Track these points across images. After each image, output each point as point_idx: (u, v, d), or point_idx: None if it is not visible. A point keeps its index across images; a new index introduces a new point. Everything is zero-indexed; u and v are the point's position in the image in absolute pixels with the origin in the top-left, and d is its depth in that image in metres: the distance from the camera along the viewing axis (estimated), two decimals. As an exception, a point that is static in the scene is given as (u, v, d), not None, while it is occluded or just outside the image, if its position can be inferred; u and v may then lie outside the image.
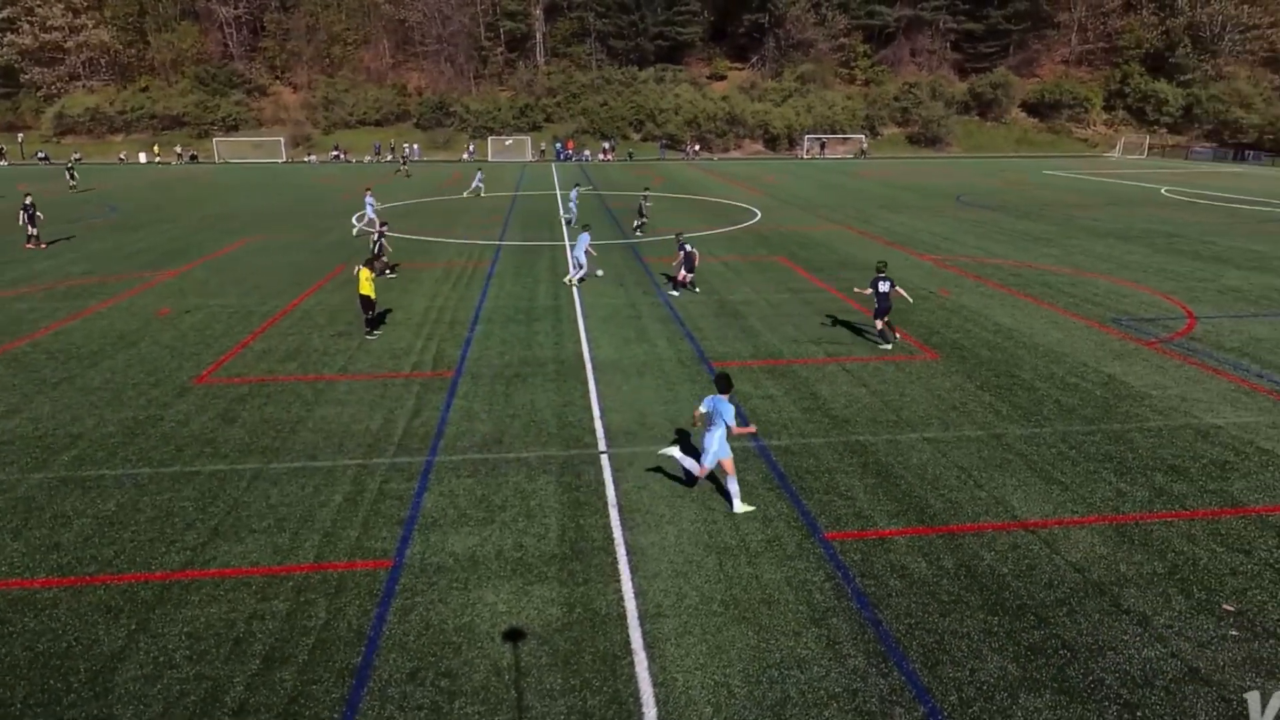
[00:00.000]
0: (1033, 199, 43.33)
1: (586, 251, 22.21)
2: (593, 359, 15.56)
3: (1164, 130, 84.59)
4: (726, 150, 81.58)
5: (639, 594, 8.17)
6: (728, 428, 9.44)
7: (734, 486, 9.68)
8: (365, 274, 16.78)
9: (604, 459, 11.18)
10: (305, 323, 18.23)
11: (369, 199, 31.22)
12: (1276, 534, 9.29)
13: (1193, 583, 8.37)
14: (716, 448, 9.53)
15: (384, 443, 11.68)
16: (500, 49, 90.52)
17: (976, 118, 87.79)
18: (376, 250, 22.72)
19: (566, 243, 28.89)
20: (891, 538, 9.21)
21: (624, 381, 14.28)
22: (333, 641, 7.51)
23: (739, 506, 9.70)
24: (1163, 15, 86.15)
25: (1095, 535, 9.27)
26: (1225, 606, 7.97)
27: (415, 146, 76.85)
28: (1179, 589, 8.26)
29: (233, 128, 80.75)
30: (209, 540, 9.17)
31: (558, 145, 77.54)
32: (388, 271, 23.44)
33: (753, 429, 9.87)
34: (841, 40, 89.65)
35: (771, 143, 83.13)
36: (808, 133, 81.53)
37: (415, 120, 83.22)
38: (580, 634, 7.61)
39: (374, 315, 17.11)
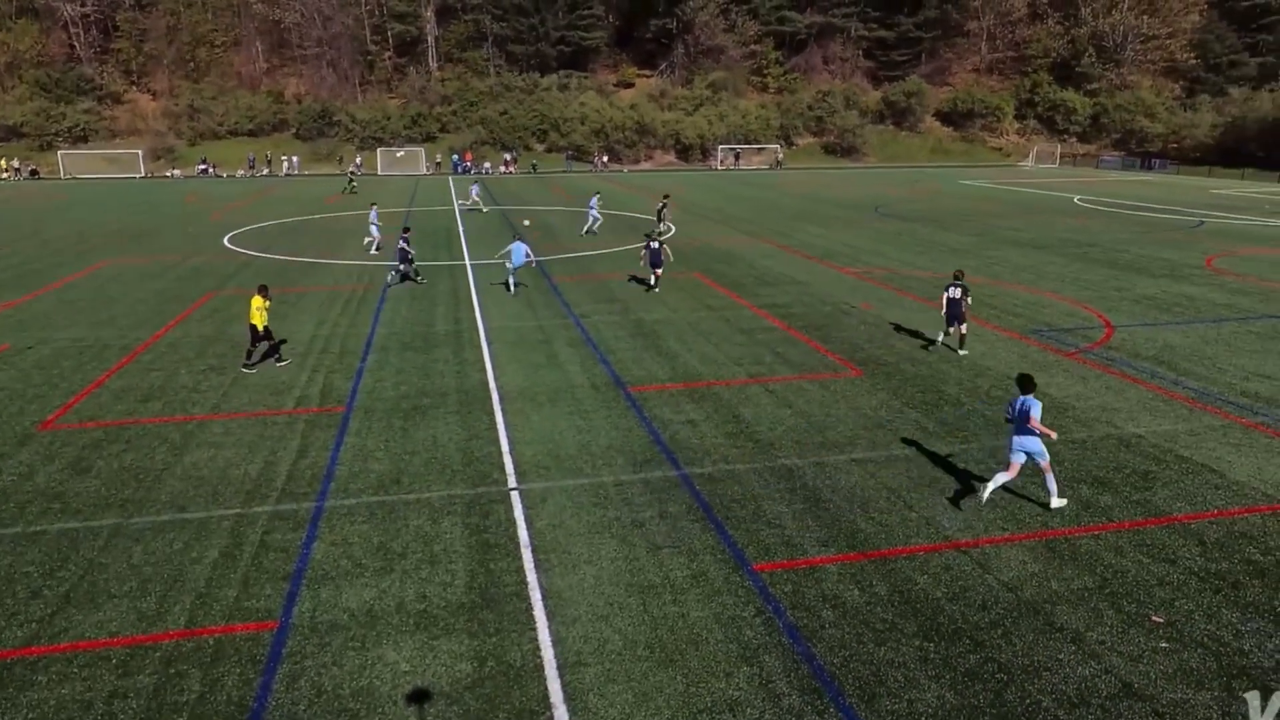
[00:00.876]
0: (950, 209, 45.51)
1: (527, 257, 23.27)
2: (499, 387, 15.43)
3: (1074, 139, 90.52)
4: (637, 162, 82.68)
5: (557, 642, 8.07)
6: (1033, 430, 10.35)
7: (1053, 483, 10.63)
8: (257, 302, 16.35)
9: (515, 496, 11.06)
10: (171, 356, 17.42)
11: (373, 214, 31.25)
12: (1199, 542, 9.93)
13: (1122, 596, 8.84)
14: (1040, 444, 10.37)
15: (265, 489, 11.25)
16: (388, 53, 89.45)
17: (891, 127, 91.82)
18: (409, 258, 24.41)
19: (467, 261, 28.60)
20: (822, 566, 9.40)
21: (534, 411, 14.19)
22: (210, 717, 7.11)
23: (1057, 502, 10.67)
24: (1067, 25, 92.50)
25: (1026, 553, 9.70)
26: (1154, 618, 8.45)
27: (295, 159, 74.89)
28: (1109, 603, 8.71)
29: (81, 139, 76.86)
30: (59, 610, 8.57)
31: (455, 157, 76.91)
32: (419, 279, 24.77)
33: (1052, 433, 10.44)
34: (752, 47, 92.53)
35: (684, 153, 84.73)
36: (721, 143, 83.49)
37: (295, 130, 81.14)
38: (494, 690, 7.44)
39: (270, 346, 16.89)
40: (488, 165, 76.55)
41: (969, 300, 17.40)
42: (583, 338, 18.88)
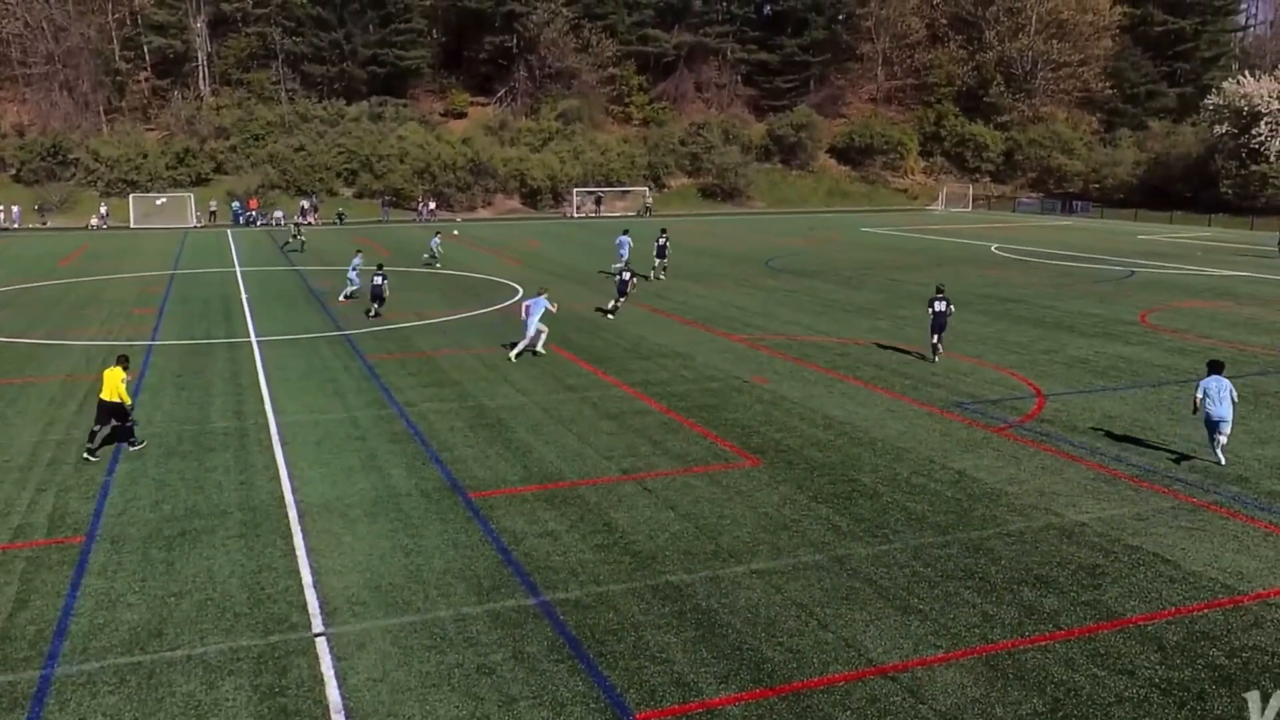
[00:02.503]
0: (852, 261, 48.02)
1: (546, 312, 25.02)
2: (298, 501, 14.96)
3: (987, 179, 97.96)
4: (473, 209, 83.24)
5: (382, 837, 7.67)
6: (1233, 403, 15.90)
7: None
8: (119, 374, 16.97)
9: (321, 644, 10.63)
10: None
11: (356, 261, 35.55)
12: (1158, 647, 10.55)
13: None
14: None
15: (-32, 656, 10.33)
16: (145, 74, 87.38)
17: (780, 165, 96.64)
18: (382, 295, 30.55)
19: (253, 338, 27.71)
20: (723, 708, 9.39)
21: (345, 530, 13.79)
22: None
23: (1225, 459, 16.39)
24: (971, 49, 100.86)
25: (964, 674, 10.01)
26: (1115, 744, 8.85)
27: (16, 209, 71.26)
28: (1064, 729, 9.08)
29: None
30: None
31: (236, 205, 75.22)
32: (372, 312, 30.76)
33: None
34: (611, 70, 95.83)
35: (531, 198, 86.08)
36: (577, 185, 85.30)
37: (14, 171, 77.45)
38: None
39: (122, 426, 17.45)
40: (280, 214, 74.96)
41: (953, 309, 24.30)
42: (409, 431, 18.56)
